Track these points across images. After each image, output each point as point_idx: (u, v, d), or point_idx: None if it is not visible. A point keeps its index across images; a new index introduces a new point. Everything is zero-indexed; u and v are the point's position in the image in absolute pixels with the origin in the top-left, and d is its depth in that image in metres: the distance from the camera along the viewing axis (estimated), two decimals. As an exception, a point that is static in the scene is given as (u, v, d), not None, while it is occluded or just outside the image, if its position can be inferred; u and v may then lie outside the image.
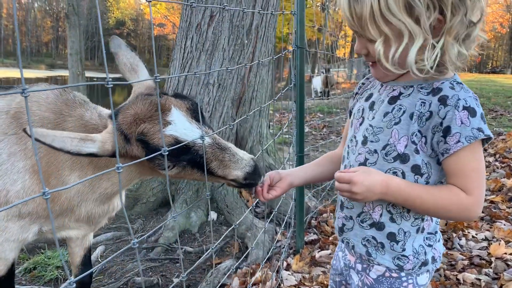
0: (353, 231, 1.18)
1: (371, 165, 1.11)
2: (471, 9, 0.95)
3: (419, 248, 1.11)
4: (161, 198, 3.62)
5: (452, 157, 0.99)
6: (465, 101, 0.97)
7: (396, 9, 0.93)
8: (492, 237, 2.95)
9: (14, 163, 1.51)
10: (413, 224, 1.10)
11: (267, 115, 4.02)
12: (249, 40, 3.45)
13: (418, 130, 1.02)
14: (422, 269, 1.13)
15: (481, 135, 0.96)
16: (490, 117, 8.14)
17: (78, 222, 1.68)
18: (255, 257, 2.81)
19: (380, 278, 1.15)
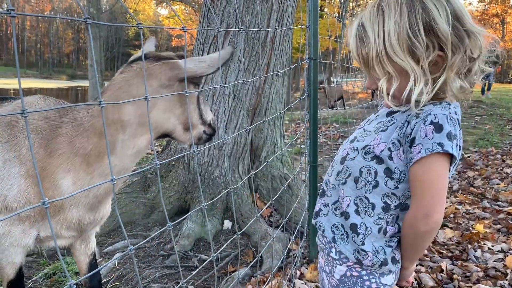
0: (326, 217, 1.25)
1: (350, 159, 1.19)
2: (470, 47, 1.02)
3: (379, 248, 1.16)
4: (177, 206, 3.68)
5: (413, 166, 1.05)
6: (435, 117, 1.02)
7: (400, 51, 1.03)
8: (508, 249, 2.93)
9: (10, 170, 1.57)
10: (375, 222, 1.15)
11: (282, 125, 4.06)
12: (264, 52, 3.52)
13: (397, 139, 1.09)
14: (383, 269, 1.17)
15: (439, 149, 1.00)
16: (509, 128, 8.04)
17: (69, 229, 1.72)
18: (268, 266, 2.84)
19: (342, 278, 1.21)
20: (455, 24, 1.02)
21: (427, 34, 1.02)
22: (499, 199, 4.03)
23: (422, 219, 1.07)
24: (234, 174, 3.64)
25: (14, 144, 1.58)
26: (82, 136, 1.61)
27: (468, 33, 1.03)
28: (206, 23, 3.61)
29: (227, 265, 2.98)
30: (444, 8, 1.02)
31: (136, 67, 1.62)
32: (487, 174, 4.88)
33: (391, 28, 1.04)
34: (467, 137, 7.34)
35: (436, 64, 1.05)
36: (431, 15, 1.02)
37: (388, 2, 1.07)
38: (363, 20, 1.12)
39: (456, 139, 1.03)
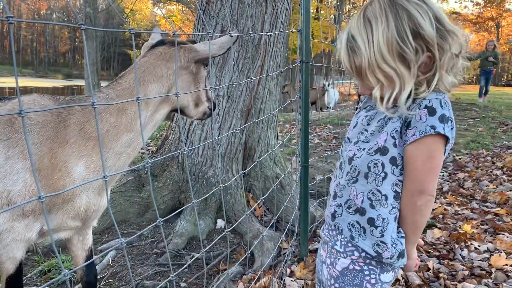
0: (342, 217, 1.29)
1: (357, 158, 1.25)
2: (453, 45, 1.11)
3: (396, 239, 1.22)
4: (171, 205, 3.73)
5: (408, 147, 1.14)
6: (429, 101, 1.11)
7: (390, 57, 1.10)
8: (494, 249, 3.00)
9: (13, 165, 1.62)
10: (391, 212, 1.21)
11: (275, 126, 4.12)
12: (258, 54, 3.58)
13: (399, 127, 1.16)
14: (400, 261, 1.22)
15: (431, 131, 1.09)
16: (500, 131, 8.14)
17: (75, 219, 1.79)
18: (260, 264, 2.89)
19: (344, 271, 1.27)
20: (438, 26, 1.11)
21: (415, 39, 1.10)
22: (487, 200, 4.10)
23: (417, 195, 1.16)
24: (228, 174, 3.69)
25: (16, 141, 1.63)
26: (94, 118, 1.70)
27: (449, 32, 1.11)
28: (201, 25, 3.67)
29: (219, 264, 3.03)
30: (426, 12, 1.10)
31: (158, 51, 1.82)
32: (477, 176, 4.96)
33: (380, 37, 1.11)
34: (459, 139, 7.43)
35: (426, 65, 1.13)
36: (417, 21, 1.09)
37: (373, 12, 1.14)
38: (352, 31, 1.18)
39: (451, 121, 1.11)
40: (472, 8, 40.43)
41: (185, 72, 1.85)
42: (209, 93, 2.00)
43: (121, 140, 1.74)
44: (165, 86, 1.80)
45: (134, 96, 1.74)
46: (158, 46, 1.83)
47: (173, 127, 3.97)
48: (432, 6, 1.12)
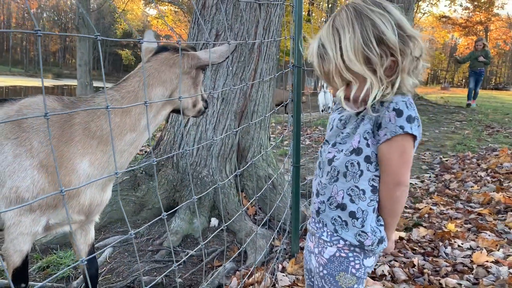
0: (325, 212, 1.42)
1: (337, 160, 1.38)
2: (414, 49, 1.23)
3: (375, 227, 1.35)
4: (165, 204, 3.82)
5: (381, 146, 1.27)
6: (396, 104, 1.23)
7: (357, 62, 1.22)
8: (476, 247, 3.14)
9: (21, 163, 1.72)
10: (369, 205, 1.34)
11: (268, 127, 4.24)
12: (252, 58, 3.69)
13: (370, 129, 1.29)
14: (380, 247, 1.36)
15: (400, 131, 1.22)
16: (486, 133, 8.33)
17: (79, 213, 1.89)
18: (253, 260, 3.00)
19: (331, 258, 1.39)
20: (400, 32, 1.23)
21: (379, 45, 1.22)
22: (471, 200, 4.25)
23: (394, 187, 1.29)
24: (222, 174, 3.80)
25: (24, 139, 1.73)
26: (99, 119, 1.81)
27: (410, 37, 1.24)
28: (197, 29, 3.77)
29: (213, 260, 3.14)
30: (389, 21, 1.23)
31: (163, 57, 1.93)
32: (463, 177, 5.12)
33: (347, 44, 1.23)
34: (446, 141, 7.61)
35: (391, 68, 1.25)
36: (380, 29, 1.22)
37: (340, 22, 1.27)
38: (322, 40, 1.31)
39: (417, 120, 1.24)
40: (461, 12, 40.92)
41: (187, 77, 1.98)
42: (203, 94, 2.17)
43: (124, 139, 1.85)
44: (168, 89, 1.92)
45: (138, 99, 1.86)
46: (162, 52, 1.93)
47: (168, 128, 4.07)
48: (394, 14, 1.25)
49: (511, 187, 4.52)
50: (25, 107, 1.82)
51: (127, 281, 2.79)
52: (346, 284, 1.39)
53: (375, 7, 1.24)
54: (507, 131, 8.77)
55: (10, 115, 1.78)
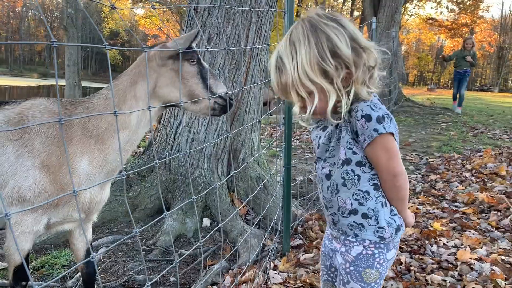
0: (340, 222, 1.51)
1: (333, 174, 1.47)
2: (367, 60, 1.32)
3: (389, 219, 1.45)
4: (158, 205, 3.87)
5: (366, 150, 1.36)
6: (362, 111, 1.31)
7: (313, 74, 1.30)
8: (461, 245, 3.25)
9: (23, 163, 1.78)
10: (376, 202, 1.43)
11: (259, 129, 4.31)
12: (244, 61, 3.76)
13: (351, 138, 1.38)
14: (398, 235, 1.47)
15: (376, 134, 1.30)
16: (471, 135, 8.52)
17: (80, 212, 1.95)
18: (245, 259, 3.07)
19: (358, 256, 1.48)
20: (353, 45, 1.31)
21: (334, 57, 1.30)
22: (456, 200, 4.38)
23: (393, 179, 1.38)
24: (214, 175, 3.86)
25: (26, 140, 1.78)
26: (95, 118, 1.88)
27: (364, 49, 1.32)
28: (189, 32, 3.82)
29: (206, 259, 3.20)
30: (343, 34, 1.31)
31: (141, 56, 2.00)
32: (448, 178, 5.26)
33: (303, 57, 1.31)
34: (433, 142, 7.77)
35: (346, 80, 1.34)
36: (334, 43, 1.29)
37: (297, 36, 1.34)
38: (280, 53, 1.38)
39: (387, 117, 1.32)
40: (447, 15, 41.48)
41: (165, 70, 1.96)
42: (215, 88, 2.03)
43: (120, 136, 1.91)
44: (151, 83, 1.95)
45: (126, 95, 1.94)
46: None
47: (160, 129, 4.11)
48: (348, 28, 1.33)
49: (494, 187, 4.66)
50: (27, 109, 1.87)
51: (122, 280, 2.84)
52: (370, 279, 1.49)
53: (330, 21, 1.32)
54: (491, 132, 8.98)
55: (12, 117, 1.83)
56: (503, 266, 2.78)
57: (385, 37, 11.97)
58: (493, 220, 3.71)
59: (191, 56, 1.96)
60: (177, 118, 3.88)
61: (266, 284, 2.65)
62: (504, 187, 4.62)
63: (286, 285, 2.64)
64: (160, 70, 1.95)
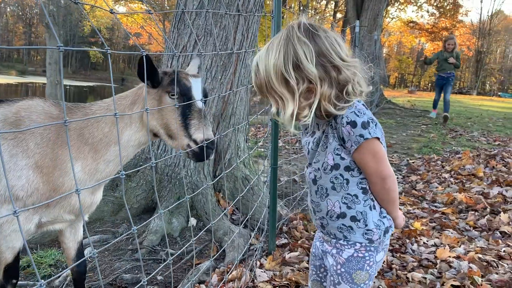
0: (329, 225, 1.57)
1: (319, 179, 1.53)
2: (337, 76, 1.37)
3: (378, 222, 1.50)
4: (144, 205, 3.89)
5: (354, 155, 1.42)
6: (347, 118, 1.37)
7: (276, 83, 1.38)
8: (440, 243, 3.36)
9: (17, 162, 1.80)
10: (364, 205, 1.49)
11: (245, 130, 4.37)
12: (230, 62, 3.81)
13: (338, 144, 1.44)
14: (387, 236, 1.53)
15: (361, 139, 1.36)
16: (450, 137, 8.73)
17: (70, 213, 1.97)
18: (231, 258, 3.12)
19: (349, 258, 1.53)
20: (321, 61, 1.37)
21: (296, 70, 1.37)
22: (436, 200, 4.51)
23: (382, 181, 1.44)
24: (200, 175, 3.90)
25: (21, 140, 1.80)
26: (92, 126, 1.91)
27: (335, 66, 1.38)
28: (176, 33, 3.85)
29: (192, 258, 3.24)
30: (310, 50, 1.35)
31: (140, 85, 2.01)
32: (428, 179, 5.40)
33: (271, 65, 1.39)
34: (413, 144, 7.94)
35: (310, 92, 1.40)
36: (298, 56, 1.36)
37: (273, 45, 1.42)
38: (258, 57, 1.46)
39: (371, 122, 1.37)
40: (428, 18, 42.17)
41: (149, 98, 1.93)
42: (193, 131, 1.90)
43: (110, 150, 1.94)
44: (141, 107, 1.95)
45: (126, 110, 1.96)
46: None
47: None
48: (320, 43, 1.36)
49: (472, 188, 4.81)
50: (23, 109, 1.89)
51: (109, 279, 2.86)
52: (360, 280, 1.54)
53: (303, 36, 1.37)
54: (470, 134, 9.21)
55: (8, 116, 1.84)
56: (480, 264, 2.89)
57: (367, 40, 12.15)
58: (471, 220, 3.84)
59: (172, 89, 1.87)
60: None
61: (253, 282, 2.71)
62: (481, 188, 4.77)
63: (272, 283, 2.69)
64: (148, 97, 1.94)
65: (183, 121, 1.89)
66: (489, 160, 6.14)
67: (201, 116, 1.93)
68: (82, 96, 34.72)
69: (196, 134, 1.90)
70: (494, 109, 17.13)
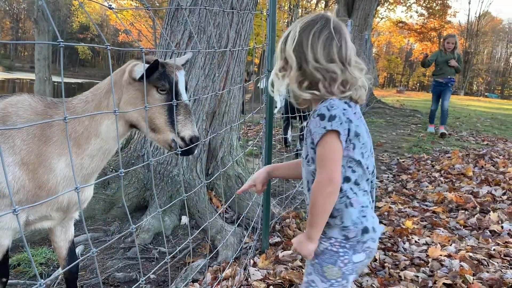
0: None
1: (303, 172, 1.59)
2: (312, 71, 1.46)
3: (356, 219, 1.47)
4: (135, 203, 3.87)
5: (316, 148, 1.44)
6: (319, 110, 1.41)
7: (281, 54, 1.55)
8: (431, 242, 3.39)
9: (4, 159, 1.77)
10: (340, 202, 1.47)
11: (237, 128, 4.36)
12: (224, 60, 3.80)
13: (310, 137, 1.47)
14: (365, 236, 1.48)
15: (323, 131, 1.39)
16: (439, 136, 8.80)
17: (58, 211, 1.94)
18: (224, 257, 3.12)
19: (324, 250, 1.52)
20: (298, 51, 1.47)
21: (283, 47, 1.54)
22: (427, 199, 4.55)
23: (326, 183, 1.40)
24: (192, 173, 3.88)
25: (8, 137, 1.77)
26: (74, 120, 1.87)
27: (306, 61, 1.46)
28: (169, 30, 3.83)
29: (185, 257, 3.22)
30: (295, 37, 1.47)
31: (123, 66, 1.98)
32: (418, 178, 5.44)
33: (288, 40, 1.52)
34: (403, 143, 8.01)
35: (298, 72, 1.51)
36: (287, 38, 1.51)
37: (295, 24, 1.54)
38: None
39: (339, 118, 1.39)
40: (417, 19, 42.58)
41: (131, 88, 1.88)
42: (179, 127, 1.88)
43: (91, 143, 1.90)
44: (117, 97, 1.91)
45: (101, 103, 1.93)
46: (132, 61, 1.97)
47: (138, 127, 4.10)
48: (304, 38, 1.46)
49: (462, 187, 4.87)
50: (11, 105, 1.86)
51: (102, 278, 2.83)
52: (331, 276, 1.52)
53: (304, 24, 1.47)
54: (458, 134, 9.31)
55: None
56: (470, 262, 2.93)
57: (358, 40, 12.21)
58: (461, 218, 3.88)
59: (162, 84, 1.86)
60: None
61: (247, 281, 2.71)
62: (471, 187, 4.83)
63: (266, 281, 2.69)
64: (127, 87, 1.89)
65: (170, 116, 1.86)
66: (478, 160, 6.21)
67: (187, 112, 1.92)
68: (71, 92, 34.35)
69: (184, 132, 1.88)
70: (482, 109, 17.35)
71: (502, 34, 67.53)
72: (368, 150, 1.50)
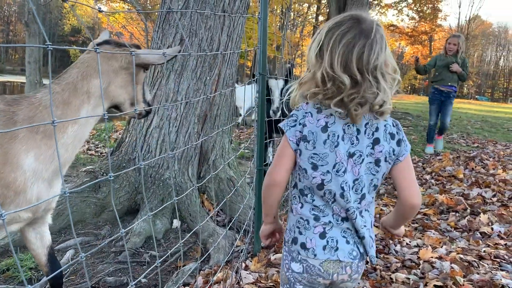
0: None
1: None
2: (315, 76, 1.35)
3: (292, 227, 1.44)
4: (126, 206, 3.84)
5: None
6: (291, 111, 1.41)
7: None
8: (422, 244, 3.40)
9: None
10: (291, 204, 1.47)
11: (229, 131, 4.36)
12: (215, 63, 3.79)
13: None
14: (294, 247, 1.42)
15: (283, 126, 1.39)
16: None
17: (26, 211, 1.85)
18: (216, 260, 3.11)
19: (283, 251, 1.52)
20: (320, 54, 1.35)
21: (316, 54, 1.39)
22: (418, 202, 4.57)
23: (267, 176, 1.43)
24: (184, 176, 3.87)
25: None
26: (41, 113, 1.81)
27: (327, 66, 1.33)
28: (161, 33, 3.82)
29: (177, 261, 3.21)
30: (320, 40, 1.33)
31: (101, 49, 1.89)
32: (410, 180, 5.46)
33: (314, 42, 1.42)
34: (394, 146, 8.02)
35: None
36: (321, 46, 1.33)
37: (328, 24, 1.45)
38: None
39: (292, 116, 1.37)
40: (408, 22, 42.81)
41: (125, 72, 1.98)
42: (147, 96, 2.19)
43: (67, 132, 1.87)
44: (105, 82, 1.94)
45: (77, 90, 1.90)
46: (103, 45, 1.95)
47: (129, 130, 4.08)
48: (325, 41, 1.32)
49: (453, 189, 4.90)
50: None
51: (92, 282, 2.81)
52: (282, 279, 1.51)
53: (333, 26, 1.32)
54: (449, 137, 9.38)
55: None
56: (461, 264, 2.94)
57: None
58: (452, 220, 3.90)
59: (149, 66, 2.08)
60: (147, 118, 3.86)
61: (239, 284, 2.70)
62: (461, 189, 4.86)
63: (258, 284, 2.69)
64: (119, 72, 1.97)
65: (143, 89, 2.15)
66: (468, 162, 6.26)
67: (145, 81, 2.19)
68: (62, 95, 33.90)
69: (148, 97, 2.21)
70: (472, 112, 17.52)
71: (492, 38, 68.34)
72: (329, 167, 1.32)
